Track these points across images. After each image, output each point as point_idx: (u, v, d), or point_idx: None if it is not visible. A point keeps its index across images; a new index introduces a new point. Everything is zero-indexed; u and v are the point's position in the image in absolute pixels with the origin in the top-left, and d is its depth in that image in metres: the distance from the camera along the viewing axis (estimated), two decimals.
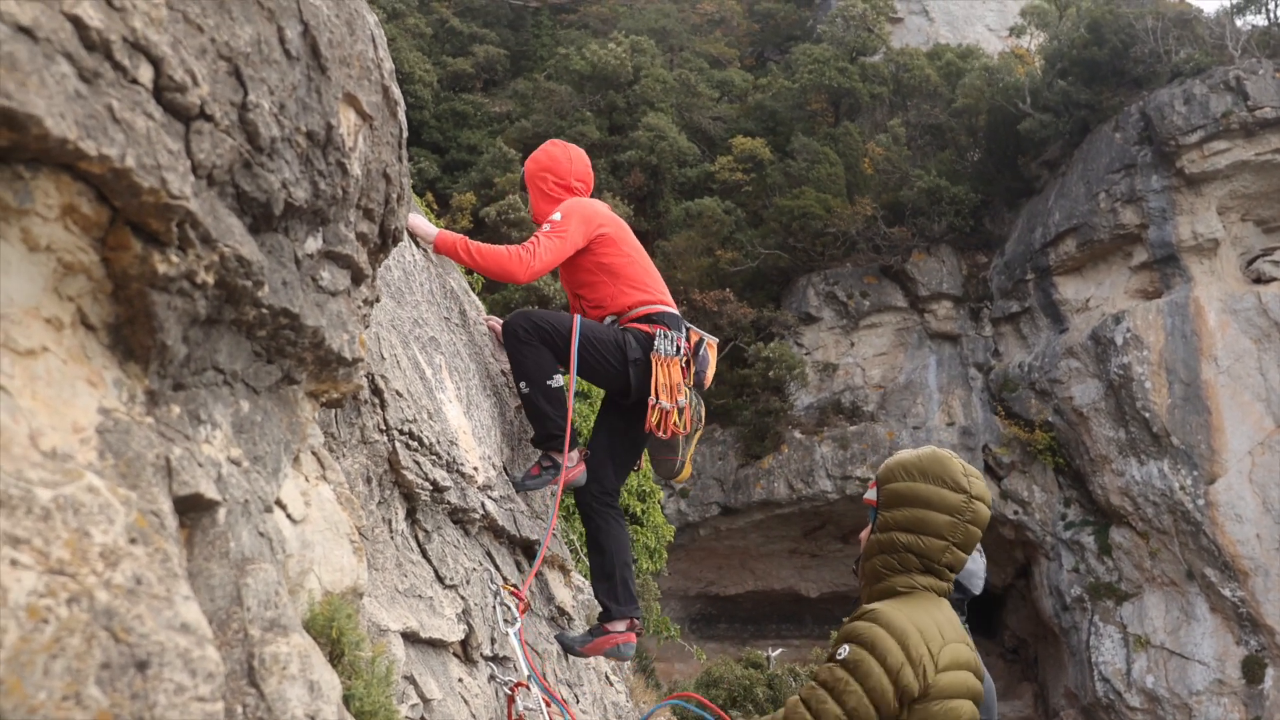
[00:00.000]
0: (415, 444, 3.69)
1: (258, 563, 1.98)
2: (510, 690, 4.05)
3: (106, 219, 1.59)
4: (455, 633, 3.73)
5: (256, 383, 2.15)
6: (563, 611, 5.67)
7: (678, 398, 5.09)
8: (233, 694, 1.75)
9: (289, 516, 2.36)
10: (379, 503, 3.45)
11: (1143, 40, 30.29)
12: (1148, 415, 27.17)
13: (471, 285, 6.33)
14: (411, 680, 3.19)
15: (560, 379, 5.03)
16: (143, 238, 1.63)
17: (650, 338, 5.12)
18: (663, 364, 5.07)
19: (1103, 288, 29.64)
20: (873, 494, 3.20)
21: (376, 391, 3.47)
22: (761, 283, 33.77)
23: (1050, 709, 29.72)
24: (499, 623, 4.27)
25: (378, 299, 2.66)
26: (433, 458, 3.84)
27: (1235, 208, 28.38)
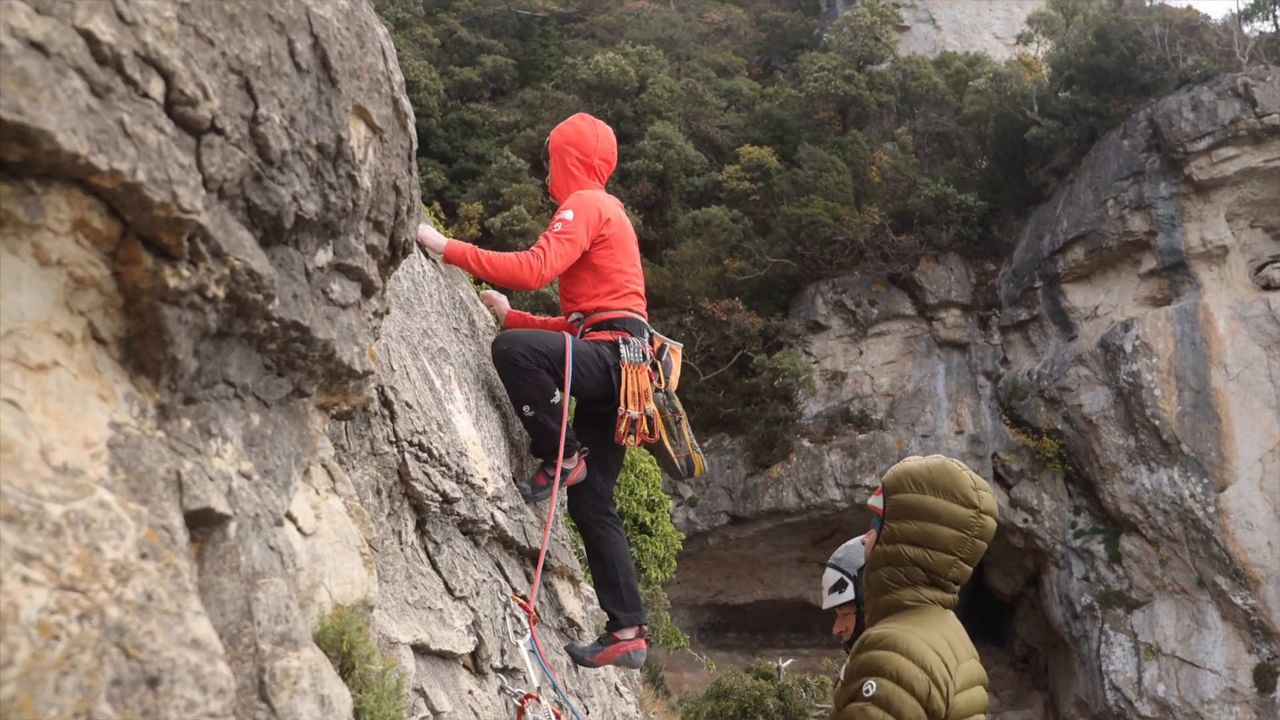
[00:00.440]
0: (425, 455, 3.69)
1: (268, 576, 1.97)
2: (520, 702, 4.04)
3: (118, 233, 1.58)
4: (465, 644, 3.72)
5: (267, 396, 2.15)
6: (572, 622, 5.66)
7: (645, 405, 5.11)
8: (244, 709, 1.74)
9: (299, 530, 2.35)
10: (389, 514, 3.44)
11: (1150, 47, 30.27)
12: (1157, 423, 27.10)
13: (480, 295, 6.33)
14: (421, 693, 3.18)
15: (558, 394, 5.05)
16: (154, 252, 1.63)
17: (615, 345, 5.15)
18: (631, 371, 5.10)
19: (1111, 295, 29.59)
20: (878, 501, 3.14)
21: (386, 403, 3.47)
22: (769, 291, 33.76)
23: (1061, 718, 29.63)
24: (509, 634, 4.26)
25: (387, 311, 2.66)
26: (442, 469, 3.84)
27: (1244, 214, 28.32)
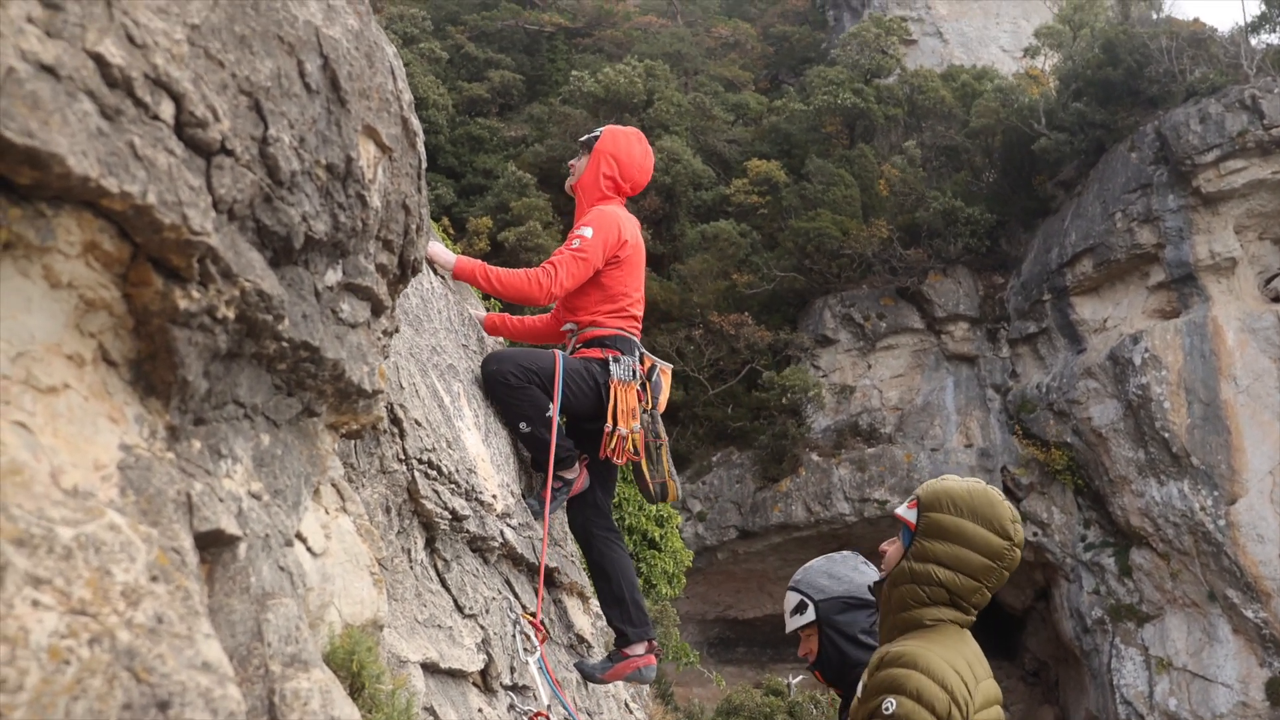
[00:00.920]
0: (434, 473, 3.69)
1: (278, 597, 1.97)
2: (530, 719, 4.03)
3: (128, 255, 1.59)
4: (475, 662, 3.71)
5: (277, 416, 2.14)
6: (581, 639, 5.65)
7: (631, 423, 5.11)
8: None
9: (309, 550, 2.35)
10: (398, 532, 3.44)
11: (1157, 60, 30.25)
12: (1167, 435, 27.01)
13: (489, 309, 6.34)
14: (431, 711, 3.17)
15: (550, 408, 5.06)
16: (164, 273, 1.63)
17: (606, 363, 5.15)
18: (621, 389, 5.10)
19: (1120, 308, 29.53)
20: (911, 515, 3.09)
21: (395, 421, 3.46)
22: (778, 305, 33.74)
23: None
24: (518, 651, 4.25)
25: (396, 329, 2.66)
26: (451, 486, 3.84)
27: (1252, 226, 28.25)
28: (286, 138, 1.88)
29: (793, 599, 4.11)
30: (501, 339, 5.81)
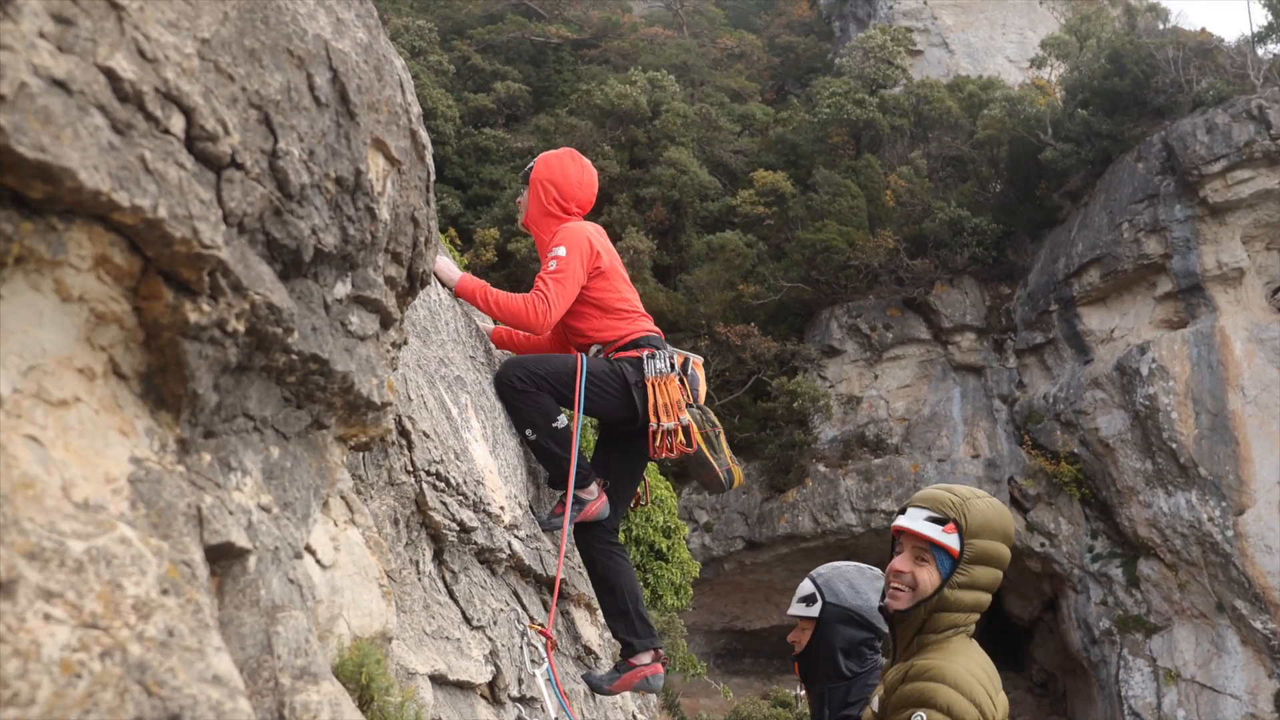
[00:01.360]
0: (442, 484, 3.69)
1: (288, 610, 1.97)
2: None
3: (139, 269, 1.59)
4: (483, 674, 3.71)
5: (286, 428, 2.15)
6: (589, 650, 5.64)
7: (679, 415, 5.07)
8: None
9: (318, 562, 2.35)
10: (406, 544, 3.44)
11: (1164, 70, 30.23)
12: (1174, 446, 26.95)
13: (496, 321, 6.35)
14: None
15: (564, 419, 5.04)
16: (174, 287, 1.63)
17: (640, 362, 5.12)
18: (659, 384, 5.07)
19: (1127, 318, 29.48)
20: (951, 540, 3.04)
21: (404, 433, 3.47)
22: (784, 316, 33.74)
23: None
24: (526, 663, 4.25)
25: (405, 342, 2.66)
26: (459, 498, 3.84)
27: (1259, 236, 28.21)
28: (296, 151, 1.89)
29: (807, 587, 4.15)
30: (509, 352, 5.81)
